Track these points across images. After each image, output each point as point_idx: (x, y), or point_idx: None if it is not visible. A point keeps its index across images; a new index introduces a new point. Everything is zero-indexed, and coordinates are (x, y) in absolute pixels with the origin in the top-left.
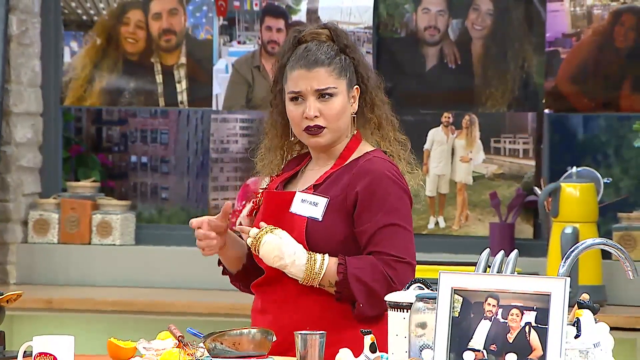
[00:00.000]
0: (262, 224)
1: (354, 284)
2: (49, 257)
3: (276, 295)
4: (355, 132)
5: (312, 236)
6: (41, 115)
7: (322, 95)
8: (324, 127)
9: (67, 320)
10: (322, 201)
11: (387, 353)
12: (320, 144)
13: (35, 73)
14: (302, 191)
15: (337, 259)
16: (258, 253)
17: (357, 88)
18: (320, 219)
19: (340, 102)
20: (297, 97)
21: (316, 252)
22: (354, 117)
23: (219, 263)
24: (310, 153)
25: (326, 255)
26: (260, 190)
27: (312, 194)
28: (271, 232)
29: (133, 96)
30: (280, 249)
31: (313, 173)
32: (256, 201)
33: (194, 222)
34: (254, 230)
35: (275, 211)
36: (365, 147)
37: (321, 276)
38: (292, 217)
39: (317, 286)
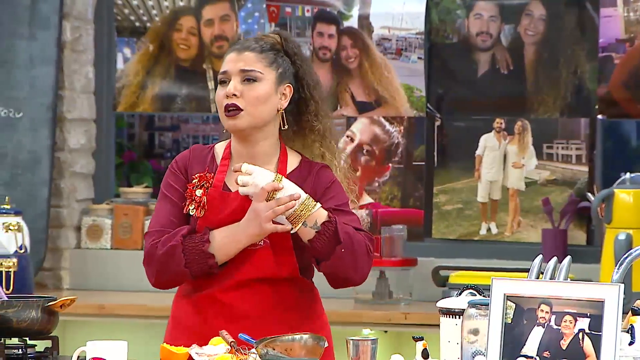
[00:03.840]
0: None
1: (341, 228)
2: (101, 262)
3: (260, 298)
4: (280, 141)
5: (295, 238)
6: (94, 121)
7: (247, 78)
8: (242, 110)
9: (119, 326)
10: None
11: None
12: (237, 126)
13: (88, 79)
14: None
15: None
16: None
17: (288, 86)
18: None
19: (263, 88)
20: (223, 80)
21: (301, 250)
22: (281, 120)
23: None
24: (233, 152)
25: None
26: (199, 191)
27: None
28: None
29: (185, 102)
30: (289, 185)
31: None
32: (201, 202)
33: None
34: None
35: None
36: (294, 155)
37: (313, 210)
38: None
39: (299, 226)
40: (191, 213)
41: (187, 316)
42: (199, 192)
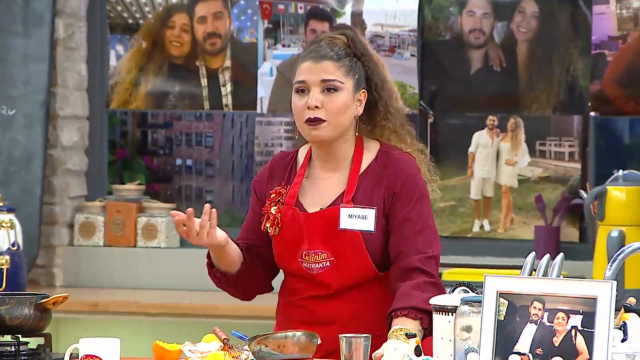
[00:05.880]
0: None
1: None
2: (94, 259)
3: (348, 305)
4: (356, 137)
5: (370, 248)
6: (87, 118)
7: (328, 88)
8: (325, 120)
9: (112, 323)
10: (371, 213)
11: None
12: (320, 137)
13: (81, 76)
14: (345, 206)
15: (407, 316)
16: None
17: (364, 92)
18: (373, 231)
19: (344, 98)
20: (302, 89)
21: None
22: (357, 122)
23: (211, 265)
24: (313, 157)
25: (403, 327)
26: (273, 208)
27: (356, 206)
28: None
29: (178, 99)
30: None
31: (329, 182)
32: (275, 219)
33: (174, 213)
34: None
35: (322, 231)
36: (371, 145)
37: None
38: (345, 233)
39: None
40: (268, 231)
41: (279, 321)
42: (273, 210)
